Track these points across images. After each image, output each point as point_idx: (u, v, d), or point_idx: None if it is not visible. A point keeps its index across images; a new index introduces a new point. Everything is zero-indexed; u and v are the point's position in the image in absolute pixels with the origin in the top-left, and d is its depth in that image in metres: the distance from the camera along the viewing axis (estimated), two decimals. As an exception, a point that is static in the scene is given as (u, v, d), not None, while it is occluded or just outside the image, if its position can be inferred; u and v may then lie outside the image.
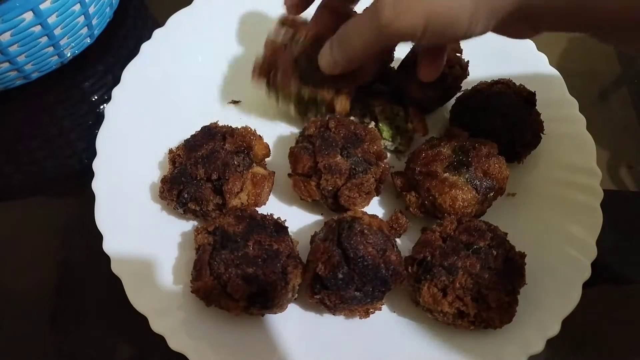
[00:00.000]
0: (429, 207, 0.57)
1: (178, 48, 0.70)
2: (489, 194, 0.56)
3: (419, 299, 0.51)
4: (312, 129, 0.58)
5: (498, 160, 0.56)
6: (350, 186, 0.55)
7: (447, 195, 0.54)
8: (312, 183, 0.56)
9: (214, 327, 0.52)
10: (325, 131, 0.57)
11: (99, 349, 0.57)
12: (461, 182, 0.55)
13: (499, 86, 0.63)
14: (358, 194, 0.56)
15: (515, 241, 0.53)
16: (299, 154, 0.56)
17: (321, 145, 0.55)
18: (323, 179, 0.55)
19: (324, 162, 0.55)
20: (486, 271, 0.50)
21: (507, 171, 0.56)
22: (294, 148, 0.58)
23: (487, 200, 0.57)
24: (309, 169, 0.56)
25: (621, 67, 0.81)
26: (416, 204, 0.57)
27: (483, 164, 0.55)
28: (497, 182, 0.56)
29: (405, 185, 0.59)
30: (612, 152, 0.71)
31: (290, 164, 0.58)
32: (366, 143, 0.57)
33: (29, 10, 0.58)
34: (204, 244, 0.51)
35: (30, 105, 0.73)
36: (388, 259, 0.50)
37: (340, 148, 0.56)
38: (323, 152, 0.55)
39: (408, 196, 0.58)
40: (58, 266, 0.61)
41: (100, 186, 0.58)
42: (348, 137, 0.57)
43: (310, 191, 0.56)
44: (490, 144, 0.57)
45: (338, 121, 0.58)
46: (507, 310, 0.50)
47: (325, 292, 0.49)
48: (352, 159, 0.56)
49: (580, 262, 0.55)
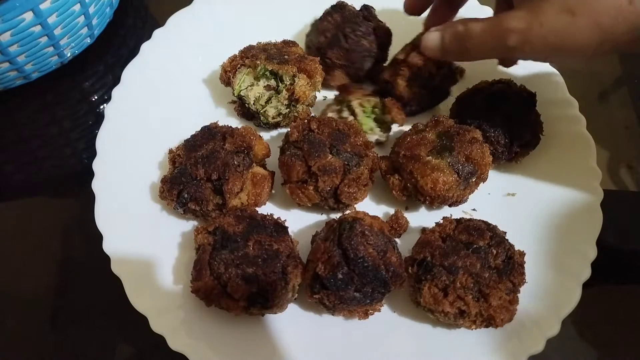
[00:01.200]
0: (411, 190, 0.57)
1: (178, 48, 0.70)
2: (470, 179, 0.56)
3: (420, 299, 0.51)
4: (296, 134, 0.57)
5: (481, 146, 0.57)
6: (348, 182, 0.55)
7: (428, 178, 0.55)
8: (309, 188, 0.56)
9: (214, 327, 0.52)
10: (310, 134, 0.57)
11: (99, 349, 0.56)
12: (443, 165, 0.55)
13: (499, 86, 0.63)
14: (357, 187, 0.56)
15: (515, 241, 0.53)
16: (290, 162, 0.56)
17: (310, 148, 0.55)
18: (320, 181, 0.55)
19: (317, 165, 0.55)
20: (486, 270, 0.50)
21: (490, 158, 0.57)
22: (283, 157, 0.57)
23: (469, 186, 0.57)
24: (303, 174, 0.56)
25: (621, 67, 0.81)
26: (399, 186, 0.58)
27: (466, 149, 0.56)
28: (479, 167, 0.56)
29: (389, 168, 0.59)
30: (612, 152, 0.71)
31: (283, 174, 0.58)
32: (352, 137, 0.57)
33: (29, 10, 0.59)
34: (204, 244, 0.51)
35: (30, 105, 0.73)
36: (388, 261, 0.50)
37: (329, 147, 0.56)
38: (313, 154, 0.55)
39: (391, 179, 0.58)
40: (58, 266, 0.61)
41: (100, 186, 0.58)
42: (333, 134, 0.57)
43: (309, 196, 0.56)
44: (474, 131, 0.58)
45: (319, 121, 0.58)
46: (507, 308, 0.50)
47: (325, 292, 0.49)
48: (342, 156, 0.56)
49: (580, 262, 0.55)
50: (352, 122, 0.60)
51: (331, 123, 0.58)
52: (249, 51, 0.64)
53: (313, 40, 0.68)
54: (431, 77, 0.62)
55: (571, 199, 0.60)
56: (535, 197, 0.61)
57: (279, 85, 0.62)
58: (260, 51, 0.63)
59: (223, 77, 0.65)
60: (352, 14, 0.67)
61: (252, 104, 0.63)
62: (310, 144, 0.56)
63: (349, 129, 0.58)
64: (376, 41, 0.67)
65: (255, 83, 0.63)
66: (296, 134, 0.57)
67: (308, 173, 0.56)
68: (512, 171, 0.63)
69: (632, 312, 0.60)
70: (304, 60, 0.62)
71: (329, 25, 0.66)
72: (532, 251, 0.54)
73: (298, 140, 0.57)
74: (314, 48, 0.68)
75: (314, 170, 0.55)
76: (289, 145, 0.58)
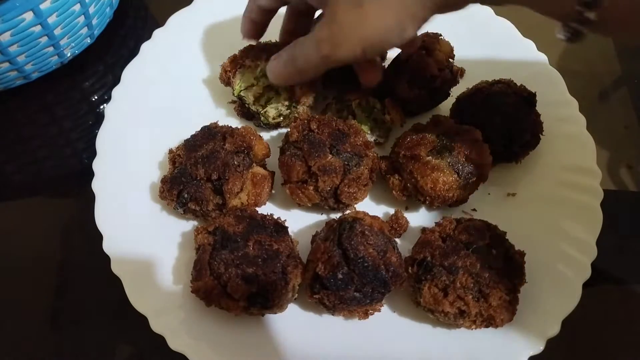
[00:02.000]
0: (411, 190, 0.57)
1: (178, 48, 0.70)
2: (470, 179, 0.56)
3: (420, 299, 0.51)
4: (296, 134, 0.57)
5: (481, 146, 0.57)
6: (348, 182, 0.55)
7: (428, 178, 0.55)
8: (309, 188, 0.56)
9: (214, 327, 0.52)
10: (310, 133, 0.57)
11: (99, 349, 0.57)
12: (443, 165, 0.55)
13: (499, 86, 0.63)
14: (357, 188, 0.56)
15: (515, 241, 0.53)
16: (290, 162, 0.56)
17: (310, 148, 0.55)
18: (320, 181, 0.55)
19: (317, 165, 0.55)
20: (486, 270, 0.50)
21: (490, 158, 0.57)
22: (283, 157, 0.57)
23: (469, 186, 0.57)
24: (303, 174, 0.56)
25: (621, 67, 0.81)
26: (399, 186, 0.58)
27: (466, 149, 0.56)
28: (479, 168, 0.56)
29: (389, 168, 0.59)
30: (612, 152, 0.71)
31: (283, 174, 0.58)
32: (352, 137, 0.57)
33: (29, 10, 0.59)
34: (204, 244, 0.51)
35: (30, 105, 0.73)
36: (388, 261, 0.50)
37: (329, 147, 0.56)
38: (313, 154, 0.55)
39: (391, 179, 0.58)
40: (58, 266, 0.61)
41: (100, 186, 0.58)
42: (333, 134, 0.57)
43: (309, 196, 0.56)
44: (474, 131, 0.58)
45: (319, 120, 0.58)
46: (508, 308, 0.50)
47: (325, 292, 0.49)
48: (342, 156, 0.56)
49: (580, 262, 0.55)
50: (352, 122, 0.60)
51: (331, 123, 0.58)
52: (249, 51, 0.64)
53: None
54: (432, 78, 0.62)
55: (571, 199, 0.60)
56: (535, 197, 0.61)
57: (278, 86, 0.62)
58: (261, 51, 0.63)
59: (223, 77, 0.65)
60: None
61: (252, 105, 0.63)
62: (310, 144, 0.56)
63: (349, 128, 0.58)
64: None
65: (256, 83, 0.63)
66: (296, 134, 0.57)
67: (308, 173, 0.56)
68: (512, 171, 0.63)
69: (632, 312, 0.60)
70: None
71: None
72: (532, 251, 0.54)
73: (298, 140, 0.57)
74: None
75: (314, 170, 0.55)
76: (289, 145, 0.58)
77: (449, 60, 0.64)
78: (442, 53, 0.63)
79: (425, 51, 0.62)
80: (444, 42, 0.64)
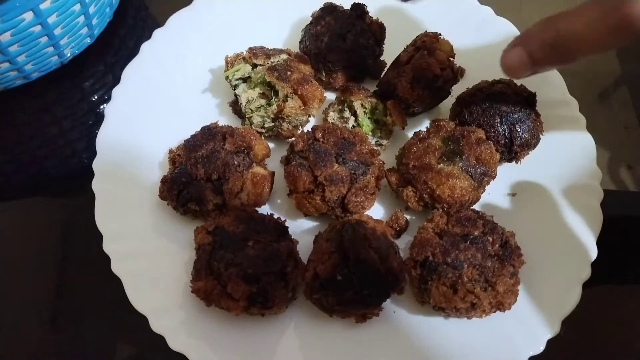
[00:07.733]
0: (427, 200, 0.57)
1: (178, 48, 0.70)
2: (483, 180, 0.56)
3: (429, 299, 0.51)
4: (301, 143, 0.57)
5: (488, 145, 0.57)
6: (355, 191, 0.55)
7: (445, 186, 0.55)
8: (316, 198, 0.55)
9: (214, 327, 0.52)
10: (315, 143, 0.57)
11: (99, 349, 0.57)
12: (456, 171, 0.55)
13: (500, 86, 0.63)
14: (364, 196, 0.56)
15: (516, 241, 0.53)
16: (296, 172, 0.55)
17: (316, 158, 0.55)
18: (327, 191, 0.54)
19: (323, 174, 0.54)
20: (488, 259, 0.50)
21: (497, 155, 0.57)
22: (288, 167, 0.57)
23: (481, 186, 0.57)
24: (310, 184, 0.55)
25: (621, 67, 0.81)
26: (414, 198, 0.58)
27: (475, 151, 0.56)
28: (490, 166, 0.56)
29: (400, 181, 0.59)
30: (612, 152, 0.71)
31: (289, 184, 0.57)
32: (357, 145, 0.57)
33: (29, 10, 0.58)
34: (204, 244, 0.51)
35: (30, 105, 0.73)
36: (389, 266, 0.49)
37: (335, 156, 0.56)
38: (320, 164, 0.55)
39: (405, 192, 0.58)
40: (58, 266, 0.61)
41: (100, 186, 0.58)
42: (339, 143, 0.56)
43: (316, 206, 0.56)
44: (477, 130, 0.58)
45: (324, 129, 0.57)
46: (513, 291, 0.50)
47: (324, 292, 0.49)
48: (349, 164, 0.56)
49: (580, 262, 0.55)
50: (357, 130, 0.59)
51: (336, 131, 0.58)
52: (258, 51, 0.64)
53: (309, 46, 0.68)
54: (435, 78, 0.62)
55: (571, 199, 0.60)
56: (535, 197, 0.61)
57: (272, 97, 0.62)
58: (267, 57, 0.63)
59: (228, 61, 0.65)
60: (344, 15, 0.67)
61: (243, 105, 0.63)
62: (316, 154, 0.55)
63: (354, 137, 0.58)
64: (373, 37, 0.67)
65: (252, 87, 0.62)
66: (301, 143, 0.57)
67: (314, 183, 0.55)
68: (512, 171, 0.63)
69: (632, 312, 0.60)
70: (305, 84, 0.61)
71: (323, 29, 0.66)
72: (532, 251, 0.54)
73: (303, 149, 0.57)
74: (312, 54, 0.67)
75: (321, 180, 0.54)
76: (294, 155, 0.58)
77: (450, 59, 0.64)
78: (443, 52, 0.63)
79: (426, 51, 0.62)
80: (443, 42, 0.64)
